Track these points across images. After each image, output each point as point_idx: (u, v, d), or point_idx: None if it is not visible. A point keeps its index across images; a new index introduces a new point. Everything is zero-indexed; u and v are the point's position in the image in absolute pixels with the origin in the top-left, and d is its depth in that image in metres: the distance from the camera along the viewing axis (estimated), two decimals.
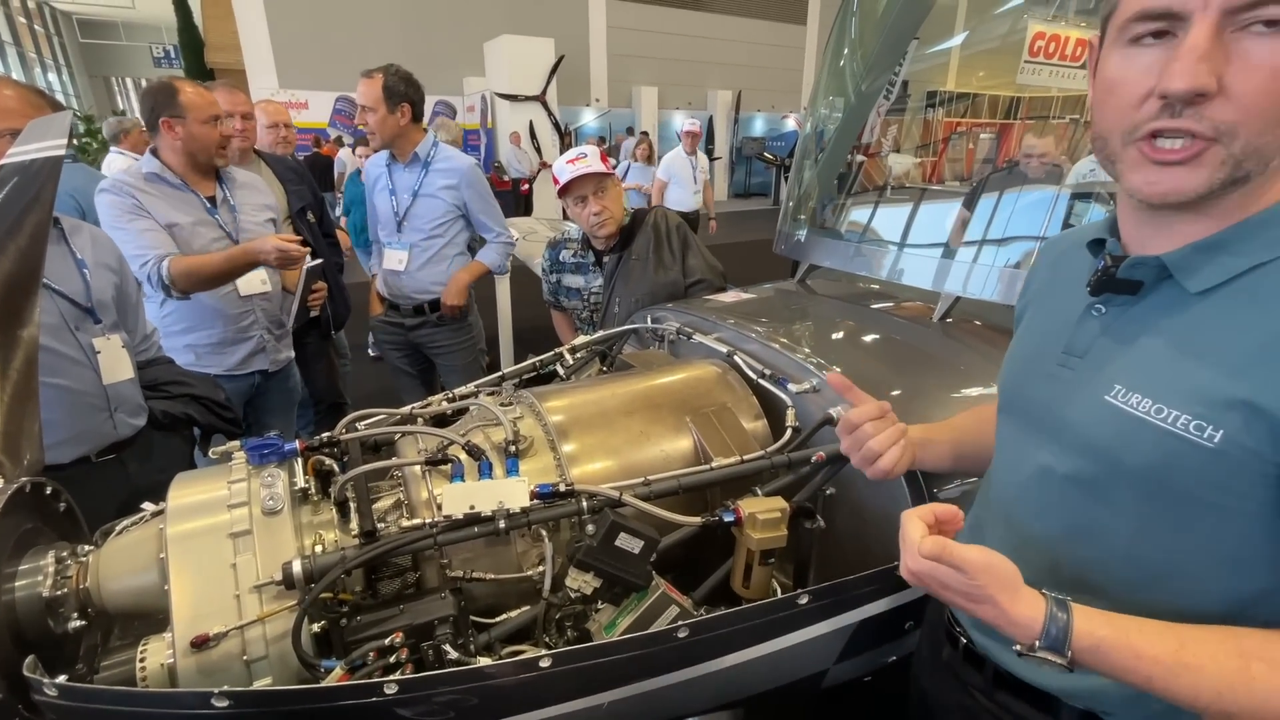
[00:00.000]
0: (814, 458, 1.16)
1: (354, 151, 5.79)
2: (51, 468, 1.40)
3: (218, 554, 0.91)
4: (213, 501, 0.96)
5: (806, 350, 1.42)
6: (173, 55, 16.46)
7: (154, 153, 1.97)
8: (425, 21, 10.98)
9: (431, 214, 2.37)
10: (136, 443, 1.62)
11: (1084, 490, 0.68)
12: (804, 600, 1.03)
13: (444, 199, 2.36)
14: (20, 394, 1.06)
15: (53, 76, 17.06)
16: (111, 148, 3.93)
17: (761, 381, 1.36)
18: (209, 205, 2.02)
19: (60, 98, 15.95)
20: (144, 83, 19.00)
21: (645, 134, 8.21)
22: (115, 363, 1.55)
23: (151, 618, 0.96)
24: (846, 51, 2.29)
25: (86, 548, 0.97)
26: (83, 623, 0.92)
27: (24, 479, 0.93)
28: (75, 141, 8.70)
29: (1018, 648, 0.62)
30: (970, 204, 1.89)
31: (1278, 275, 0.57)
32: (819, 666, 1.18)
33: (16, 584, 0.87)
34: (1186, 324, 0.61)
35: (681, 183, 6.05)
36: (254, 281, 2.08)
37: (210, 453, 1.10)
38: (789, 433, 1.24)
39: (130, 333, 1.67)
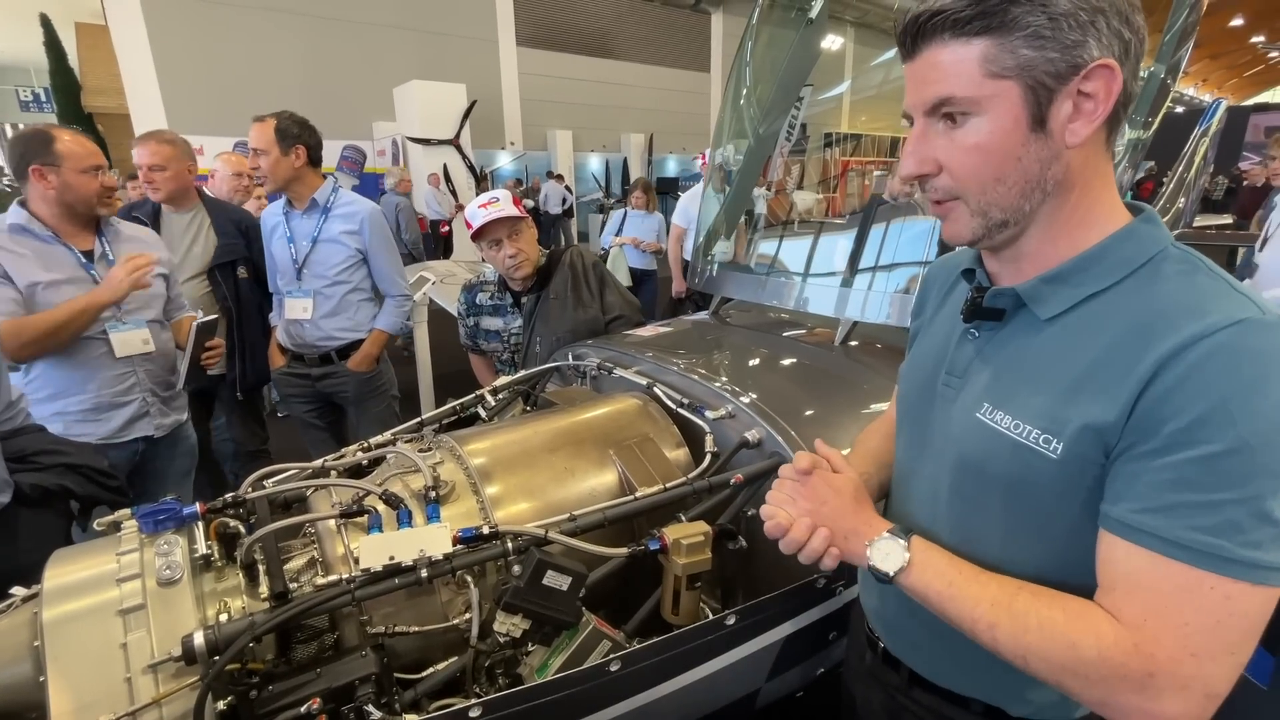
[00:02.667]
0: (733, 480, 1.21)
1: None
2: None
3: (104, 634, 0.84)
4: (98, 577, 0.88)
5: (724, 379, 1.49)
6: (43, 99, 15.21)
7: (21, 204, 1.82)
8: (329, 65, 10.76)
9: (332, 260, 2.29)
10: None
11: (963, 500, 0.75)
12: (731, 621, 1.06)
13: (345, 244, 2.29)
14: None
15: None
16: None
17: (681, 410, 1.41)
18: (84, 260, 1.86)
19: None
20: (8, 128, 17.41)
21: (643, 179, 6.75)
22: None
23: (23, 717, 0.86)
24: (744, 98, 2.47)
25: None
26: None
27: None
28: None
29: (866, 542, 0.73)
30: (861, 237, 2.06)
31: (1107, 303, 0.64)
32: (752, 686, 1.21)
33: None
34: (1038, 347, 0.69)
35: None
36: (134, 341, 1.91)
37: (95, 524, 1.01)
38: (708, 458, 1.28)
39: None
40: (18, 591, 0.96)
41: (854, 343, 1.77)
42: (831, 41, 2.61)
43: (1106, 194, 0.67)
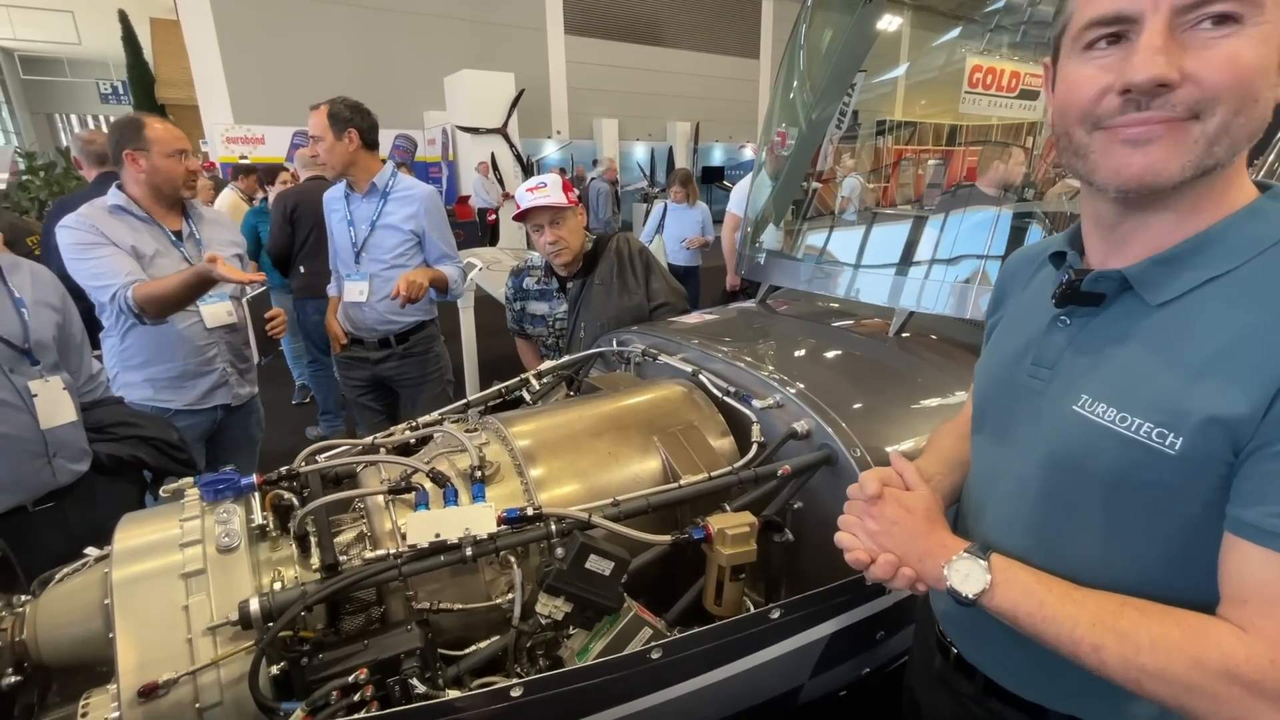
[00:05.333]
0: (780, 471, 1.18)
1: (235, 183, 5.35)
2: None
3: (168, 596, 0.87)
4: (163, 542, 0.92)
5: (771, 367, 1.45)
6: (121, 91, 16.10)
7: (119, 186, 1.94)
8: (384, 56, 11.03)
9: (390, 244, 2.35)
10: (78, 489, 1.54)
11: (1055, 500, 0.69)
12: (776, 615, 1.03)
13: (403, 229, 2.34)
14: None
15: None
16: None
17: (727, 399, 1.38)
18: (174, 239, 1.99)
19: None
20: (89, 119, 18.53)
21: (683, 170, 5.62)
22: (55, 406, 1.48)
23: (94, 670, 0.90)
24: (796, 83, 2.39)
25: (23, 598, 0.92)
26: (18, 679, 0.86)
27: None
28: (16, 177, 8.38)
29: (943, 564, 0.68)
30: (922, 224, 1.97)
31: (1231, 287, 0.59)
32: (794, 682, 1.18)
33: None
34: (1147, 334, 0.63)
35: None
36: (220, 313, 2.04)
37: (161, 491, 1.06)
38: (755, 448, 1.25)
39: (74, 373, 1.60)
40: (91, 552, 1.01)
41: (906, 335, 1.70)
42: (889, 22, 2.50)
43: (1243, 165, 0.61)
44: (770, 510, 1.16)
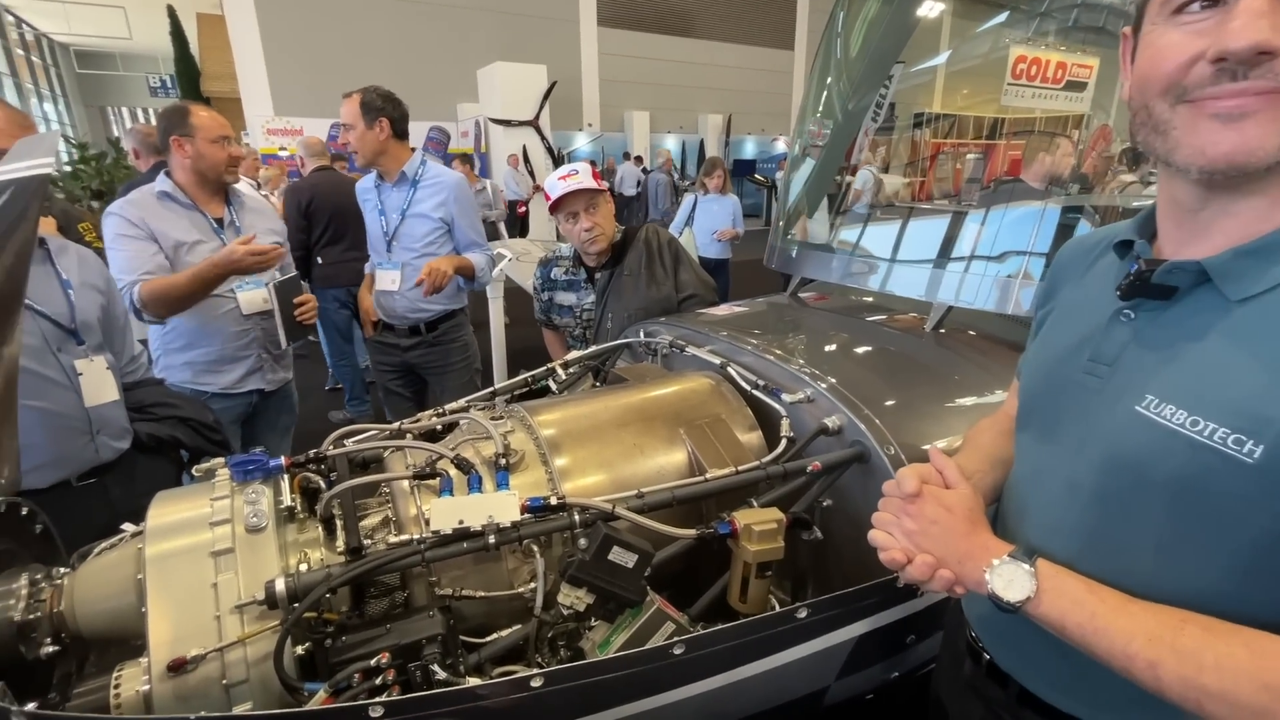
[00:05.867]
0: (809, 468, 1.15)
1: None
2: (30, 492, 1.37)
3: (198, 573, 0.89)
4: (194, 520, 0.94)
5: (801, 361, 1.41)
6: (169, 85, 16.65)
7: (167, 173, 2.01)
8: (419, 49, 11.16)
9: (420, 232, 2.36)
10: (119, 466, 1.59)
11: (1110, 505, 0.64)
12: (803, 614, 1.00)
13: (433, 217, 2.36)
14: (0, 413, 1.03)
15: (49, 106, 17.20)
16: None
17: (755, 392, 1.35)
18: (216, 226, 2.04)
19: (55, 127, 16.08)
20: (139, 112, 19.21)
21: (717, 158, 5.42)
22: (98, 385, 1.53)
23: (129, 643, 0.92)
24: (832, 72, 2.33)
25: (62, 570, 0.94)
26: (56, 648, 0.88)
27: None
28: (69, 167, 8.73)
29: (984, 568, 0.65)
30: (962, 218, 1.90)
31: None
32: (820, 684, 1.15)
33: None
34: (1226, 333, 0.58)
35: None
36: (256, 300, 2.08)
37: (193, 470, 1.08)
38: (784, 443, 1.22)
39: (116, 354, 1.64)
40: (127, 527, 1.03)
41: (942, 330, 1.64)
42: (930, 8, 2.42)
43: None
44: (799, 507, 1.13)
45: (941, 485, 0.74)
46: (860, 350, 1.63)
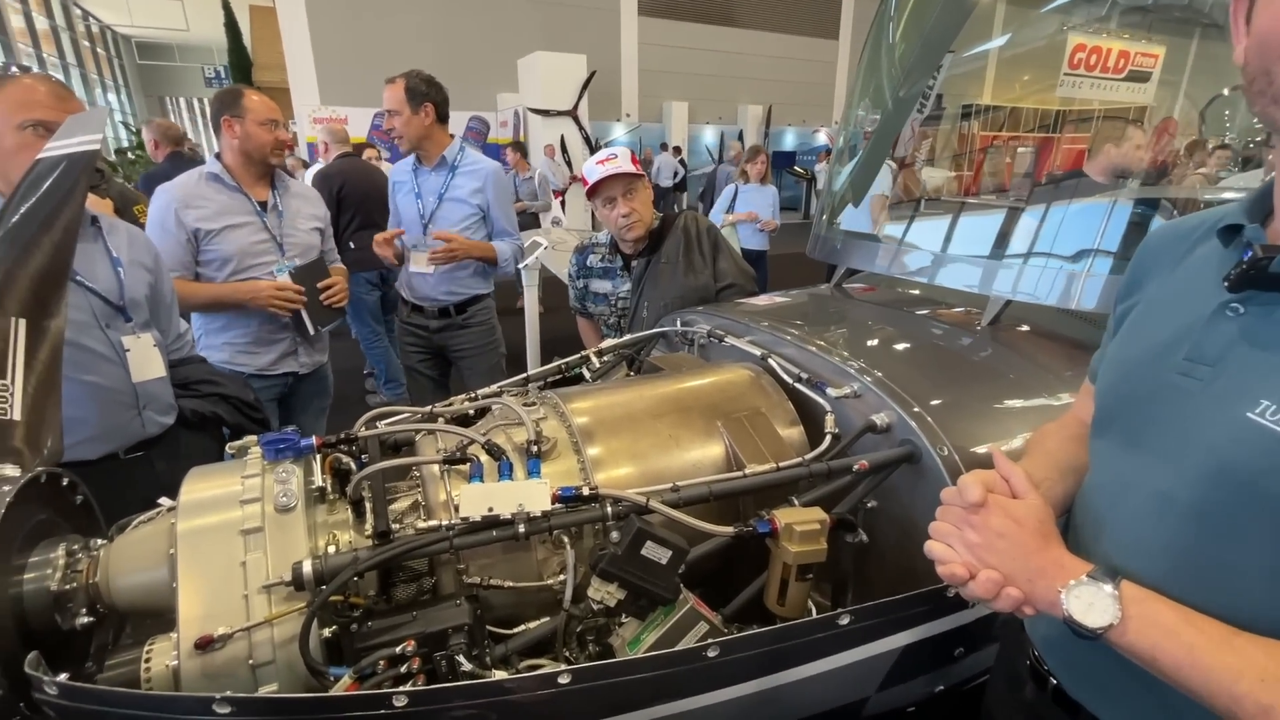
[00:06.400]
0: (855, 466, 1.08)
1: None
2: (79, 464, 1.40)
3: (227, 551, 0.88)
4: (225, 497, 0.93)
5: (846, 354, 1.34)
6: (223, 75, 17.23)
7: (217, 156, 2.06)
8: (461, 39, 11.25)
9: (457, 216, 2.37)
10: (165, 441, 1.62)
11: (1211, 524, 0.58)
12: (845, 621, 0.94)
13: (470, 202, 2.36)
14: (45, 384, 1.05)
15: (112, 96, 18.02)
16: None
17: (798, 386, 1.29)
18: (259, 209, 2.07)
19: (118, 117, 16.81)
20: (195, 102, 19.96)
21: (758, 145, 5.39)
22: (146, 361, 1.56)
23: (162, 617, 0.92)
24: (884, 55, 2.23)
25: (99, 542, 0.95)
26: (91, 619, 0.89)
27: (40, 469, 0.91)
28: (128, 154, 9.13)
29: (1059, 588, 0.58)
30: (1019, 211, 1.79)
31: None
32: (859, 694, 1.09)
33: (25, 576, 0.84)
34: None
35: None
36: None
37: (227, 448, 1.08)
38: (828, 439, 1.16)
39: (163, 331, 1.68)
40: (164, 501, 1.04)
41: (997, 325, 1.55)
42: None
43: None
44: (843, 508, 1.07)
45: (1007, 494, 0.67)
46: (910, 345, 1.55)
